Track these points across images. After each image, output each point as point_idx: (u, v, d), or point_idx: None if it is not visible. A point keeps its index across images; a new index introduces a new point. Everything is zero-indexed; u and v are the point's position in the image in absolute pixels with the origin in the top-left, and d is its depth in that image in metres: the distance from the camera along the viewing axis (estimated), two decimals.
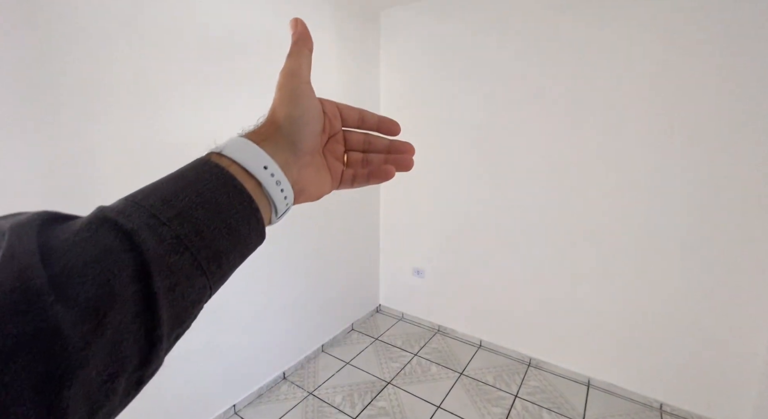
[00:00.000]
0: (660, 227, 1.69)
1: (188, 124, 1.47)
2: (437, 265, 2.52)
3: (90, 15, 1.16)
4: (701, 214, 1.60)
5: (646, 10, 1.60)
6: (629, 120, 1.70)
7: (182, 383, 1.57)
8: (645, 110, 1.66)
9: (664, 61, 1.59)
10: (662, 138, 1.64)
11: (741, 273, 1.56)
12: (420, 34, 2.31)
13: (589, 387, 1.99)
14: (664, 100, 1.61)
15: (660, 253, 1.71)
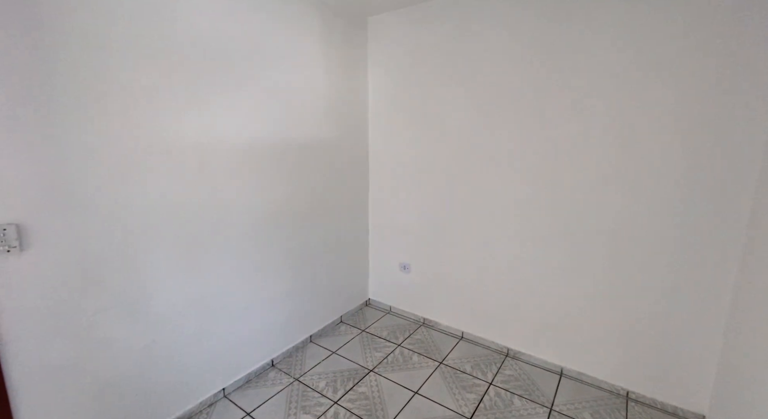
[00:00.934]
0: (630, 225, 1.78)
1: (179, 127, 1.59)
2: (422, 260, 2.62)
3: (89, 21, 1.29)
4: (668, 213, 1.68)
5: (622, 13, 1.69)
6: (601, 121, 1.79)
7: (173, 366, 1.69)
8: (618, 112, 1.75)
9: (636, 66, 1.68)
10: (637, 137, 1.73)
11: (701, 271, 1.64)
12: (406, 39, 2.41)
13: (561, 376, 2.08)
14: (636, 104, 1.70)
15: (629, 251, 1.80)
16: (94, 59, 1.31)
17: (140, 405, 1.59)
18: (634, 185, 1.74)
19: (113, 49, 1.36)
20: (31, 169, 1.21)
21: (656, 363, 1.81)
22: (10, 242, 1.18)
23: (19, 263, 1.21)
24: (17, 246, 1.19)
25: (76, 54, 1.27)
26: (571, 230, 1.96)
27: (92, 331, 1.41)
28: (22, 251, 1.21)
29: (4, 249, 1.17)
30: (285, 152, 2.11)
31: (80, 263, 1.35)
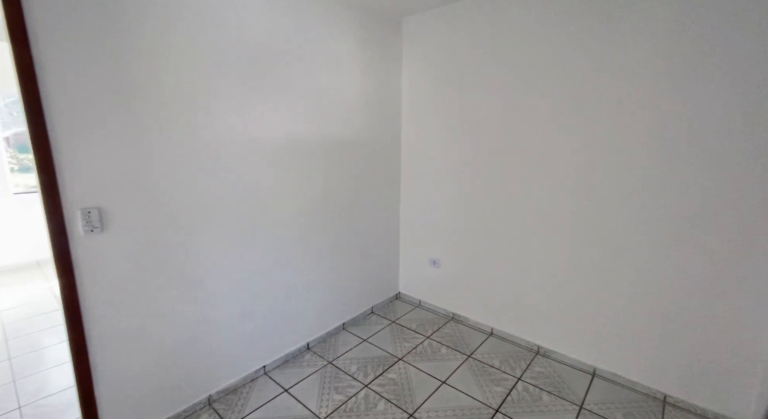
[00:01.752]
0: (671, 222, 1.72)
1: (230, 126, 1.75)
2: (452, 256, 2.65)
3: (153, 31, 1.46)
4: (711, 210, 1.61)
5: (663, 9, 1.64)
6: (644, 120, 1.74)
7: (222, 342, 1.87)
8: (662, 111, 1.70)
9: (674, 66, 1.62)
10: (680, 138, 1.67)
11: (746, 270, 1.56)
12: (440, 38, 2.45)
13: (594, 376, 2.04)
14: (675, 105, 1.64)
15: (669, 249, 1.74)
16: (160, 65, 1.49)
17: (193, 373, 1.77)
18: (673, 184, 1.68)
19: (176, 56, 1.53)
20: (111, 162, 1.40)
21: (696, 367, 1.74)
22: (94, 223, 1.38)
23: (100, 241, 1.41)
24: (99, 227, 1.39)
25: (146, 60, 1.45)
26: (608, 228, 1.91)
27: (155, 304, 1.60)
28: (102, 231, 1.41)
29: (88, 229, 1.37)
30: (322, 149, 2.23)
31: (148, 244, 1.54)
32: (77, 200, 1.34)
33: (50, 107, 1.24)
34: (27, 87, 1.19)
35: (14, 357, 2.27)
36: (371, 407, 1.83)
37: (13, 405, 1.86)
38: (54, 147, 1.27)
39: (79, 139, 1.32)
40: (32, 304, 3.04)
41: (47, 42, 1.22)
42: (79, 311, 1.38)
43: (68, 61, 1.26)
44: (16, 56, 1.16)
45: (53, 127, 1.26)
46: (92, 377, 1.44)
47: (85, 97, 1.31)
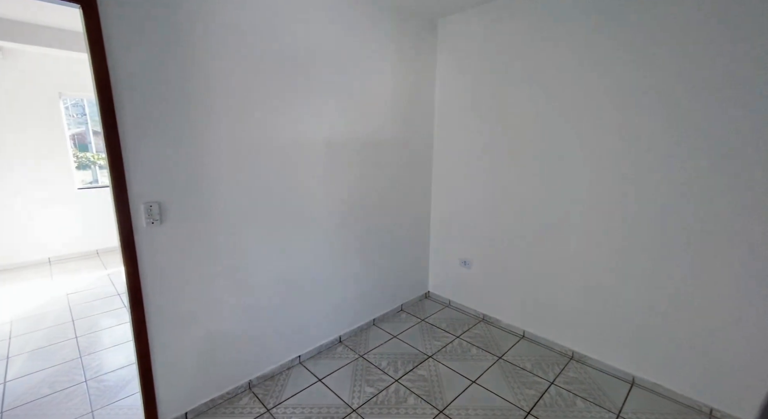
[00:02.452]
0: (723, 227, 1.63)
1: (275, 126, 1.86)
2: (484, 257, 2.64)
3: (210, 42, 1.59)
4: (759, 207, 1.51)
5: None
6: (695, 117, 1.67)
7: (263, 330, 1.98)
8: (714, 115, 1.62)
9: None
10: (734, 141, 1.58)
11: None
12: (476, 39, 2.45)
13: (633, 385, 1.97)
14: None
15: (719, 253, 1.65)
16: (215, 72, 1.61)
17: (237, 358, 1.90)
18: (724, 188, 1.59)
19: (230, 63, 1.65)
20: (170, 159, 1.54)
21: (747, 380, 1.63)
22: (155, 216, 1.52)
23: (160, 233, 1.55)
24: (159, 219, 1.53)
25: (202, 68, 1.58)
26: (653, 231, 1.84)
27: (206, 292, 1.73)
28: (162, 223, 1.55)
29: (150, 221, 1.51)
30: (357, 148, 2.30)
31: (200, 236, 1.67)
32: (141, 195, 1.48)
33: (121, 110, 1.39)
34: (102, 93, 1.34)
35: (80, 336, 2.53)
36: (401, 401, 1.87)
37: (80, 378, 2.07)
38: (123, 146, 1.41)
39: (143, 139, 1.46)
40: (93, 289, 3.35)
41: (121, 52, 1.36)
42: (141, 295, 1.53)
43: (138, 70, 1.41)
44: (95, 65, 1.31)
45: (123, 128, 1.40)
46: (150, 356, 1.59)
47: (149, 102, 1.45)
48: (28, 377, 2.07)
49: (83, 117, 4.51)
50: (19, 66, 3.72)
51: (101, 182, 4.69)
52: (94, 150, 4.73)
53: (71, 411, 1.81)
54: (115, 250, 4.56)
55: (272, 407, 1.84)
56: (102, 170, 4.77)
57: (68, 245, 4.25)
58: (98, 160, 4.70)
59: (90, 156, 4.67)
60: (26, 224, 3.94)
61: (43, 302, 3.06)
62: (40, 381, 2.03)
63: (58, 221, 4.14)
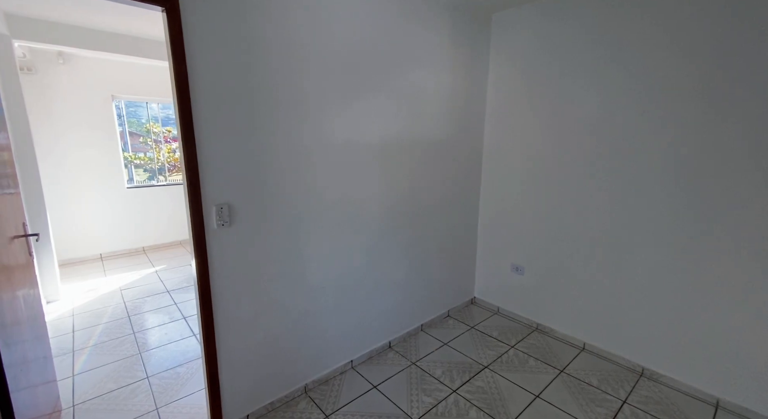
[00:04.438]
0: None
1: (333, 128, 1.83)
2: (538, 263, 2.52)
3: (278, 45, 1.57)
4: None
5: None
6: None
7: (318, 334, 1.96)
8: None
9: None
10: None
11: None
12: (531, 35, 2.34)
13: (718, 408, 1.80)
14: None
15: None
16: (280, 76, 1.60)
17: (293, 361, 1.88)
18: None
19: (293, 66, 1.63)
20: (238, 162, 1.53)
21: None
22: (225, 218, 1.51)
23: (228, 235, 1.55)
24: (228, 221, 1.53)
25: (268, 72, 1.56)
26: (732, 238, 1.68)
27: (267, 294, 1.72)
28: (230, 225, 1.54)
29: (221, 223, 1.51)
30: (409, 149, 2.24)
31: (264, 240, 1.66)
32: (213, 197, 1.48)
33: (197, 113, 1.39)
34: (181, 96, 1.34)
35: (137, 332, 2.60)
36: (463, 414, 1.80)
37: (142, 374, 2.12)
38: (199, 150, 1.41)
39: (217, 142, 1.45)
40: (144, 286, 3.46)
41: (199, 56, 1.36)
42: (210, 295, 1.53)
43: (213, 74, 1.40)
44: (175, 69, 1.31)
45: (199, 132, 1.40)
46: (217, 355, 1.59)
47: (222, 105, 1.45)
48: (94, 371, 2.14)
49: (120, 119, 4.68)
50: (77, 69, 3.90)
51: (137, 181, 4.87)
52: (130, 150, 4.89)
53: (137, 407, 1.85)
54: (160, 247, 4.72)
55: (330, 413, 1.80)
56: (137, 169, 4.95)
57: (118, 242, 4.43)
58: (134, 160, 4.87)
59: (127, 156, 4.84)
60: (81, 221, 4.13)
61: (99, 297, 3.19)
62: (105, 376, 2.10)
63: (109, 219, 4.32)
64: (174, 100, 1.36)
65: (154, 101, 4.77)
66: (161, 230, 4.74)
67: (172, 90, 1.35)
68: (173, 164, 5.13)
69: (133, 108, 4.90)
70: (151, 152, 5.01)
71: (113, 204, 4.34)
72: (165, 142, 5.10)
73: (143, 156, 5.01)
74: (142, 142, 5.05)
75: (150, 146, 5.01)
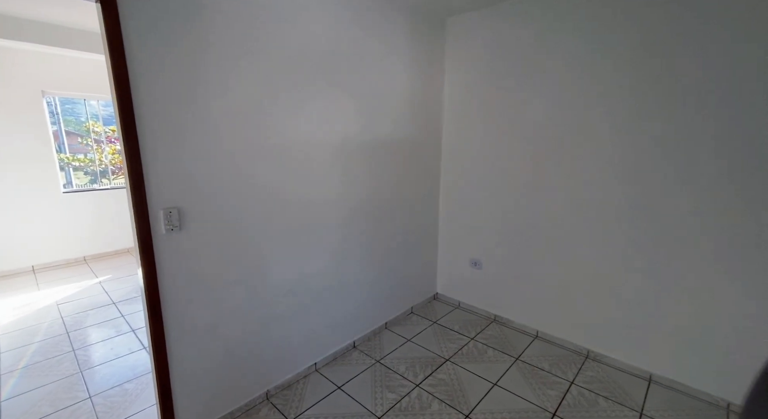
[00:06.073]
0: (737, 224, 1.67)
1: (288, 128, 1.80)
2: (495, 257, 2.64)
3: (230, 43, 1.52)
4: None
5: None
6: (710, 120, 1.70)
7: (280, 339, 1.92)
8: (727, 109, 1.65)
9: None
10: (752, 136, 1.62)
11: None
12: (484, 39, 2.45)
13: (651, 382, 2.00)
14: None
15: (732, 251, 1.69)
16: (234, 73, 1.55)
17: (254, 368, 1.83)
18: (743, 186, 1.63)
19: (248, 64, 1.59)
20: (188, 164, 1.46)
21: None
22: (174, 223, 1.44)
23: (179, 240, 1.47)
24: (178, 226, 1.46)
25: (221, 69, 1.51)
26: (666, 229, 1.87)
27: (224, 301, 1.66)
28: (180, 230, 1.47)
29: (169, 228, 1.43)
30: (367, 149, 2.26)
31: (219, 243, 1.60)
32: (160, 201, 1.40)
33: (140, 112, 1.31)
34: (121, 93, 1.25)
35: (77, 349, 2.39)
36: (426, 407, 1.84)
37: (84, 394, 1.95)
38: (142, 150, 1.33)
39: (162, 142, 1.38)
40: (85, 299, 3.18)
41: (140, 51, 1.28)
42: (160, 305, 1.45)
43: (157, 70, 1.33)
44: (113, 64, 1.23)
45: (142, 131, 1.32)
46: (169, 368, 1.51)
47: (168, 103, 1.38)
48: (26, 395, 1.94)
49: (55, 117, 4.28)
50: (1, 62, 3.51)
51: (76, 185, 4.49)
52: (67, 151, 4.49)
53: None
54: (105, 256, 4.36)
55: (294, 418, 1.78)
56: (77, 171, 4.57)
57: (54, 252, 4.04)
58: (73, 161, 4.49)
59: (64, 157, 4.44)
60: (8, 230, 3.71)
61: (32, 313, 2.89)
62: (40, 400, 1.91)
63: (42, 227, 3.93)
64: (113, 97, 1.27)
65: (94, 98, 4.40)
66: (106, 237, 4.39)
67: (111, 86, 1.27)
68: (118, 166, 4.76)
69: (69, 105, 4.49)
70: (92, 154, 4.62)
71: (47, 211, 3.95)
72: (108, 142, 4.72)
73: (83, 158, 4.62)
74: (82, 142, 4.65)
75: (91, 147, 4.62)
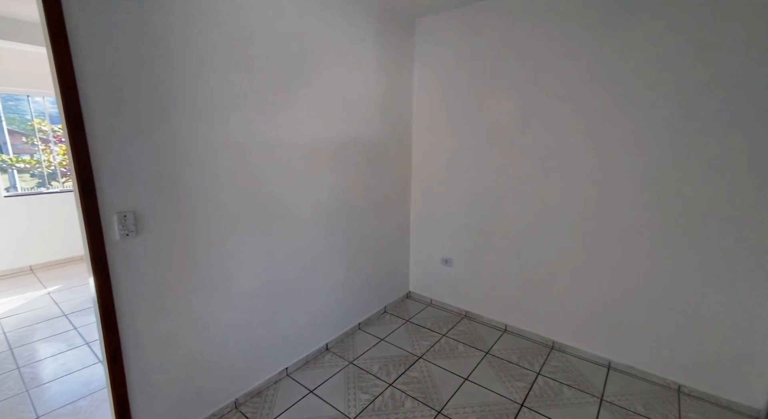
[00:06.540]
0: (681, 219, 1.80)
1: (256, 129, 1.75)
2: (465, 255, 2.70)
3: (189, 36, 1.45)
4: (721, 208, 1.70)
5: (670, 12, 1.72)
6: (655, 122, 1.82)
7: (248, 345, 1.86)
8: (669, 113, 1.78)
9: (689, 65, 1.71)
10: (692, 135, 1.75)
11: (758, 265, 1.65)
12: (452, 40, 2.49)
13: (610, 369, 2.12)
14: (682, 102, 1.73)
15: (681, 243, 1.82)
16: (194, 70, 1.48)
17: (220, 376, 1.76)
18: (685, 181, 1.76)
19: (209, 62, 1.52)
20: (145, 165, 1.38)
21: (710, 358, 1.83)
22: (129, 227, 1.36)
23: (136, 245, 1.39)
24: (134, 231, 1.37)
25: (180, 65, 1.44)
26: (621, 224, 1.99)
27: (187, 308, 1.58)
28: (137, 235, 1.39)
29: (124, 233, 1.35)
30: (340, 149, 2.24)
31: (180, 248, 1.53)
32: (113, 204, 1.32)
33: (89, 110, 1.22)
34: (66, 91, 1.16)
35: (23, 367, 2.20)
36: (399, 405, 1.85)
37: (31, 415, 1.80)
38: (92, 151, 1.24)
39: (115, 143, 1.29)
40: (32, 311, 2.94)
41: (87, 45, 1.19)
42: (115, 315, 1.36)
43: (108, 65, 1.24)
44: (57, 60, 1.14)
45: (92, 131, 1.24)
46: (126, 381, 1.42)
47: (122, 101, 1.29)
48: None
49: None
50: None
51: (21, 188, 4.15)
52: (10, 152, 4.14)
53: None
54: (54, 265, 4.05)
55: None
56: (22, 174, 4.22)
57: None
58: (17, 163, 4.14)
59: (6, 159, 4.10)
60: None
61: None
62: None
63: None
64: (57, 93, 1.18)
65: (39, 94, 4.08)
66: (55, 244, 4.07)
67: (54, 82, 1.17)
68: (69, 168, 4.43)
69: (12, 102, 4.14)
70: (39, 154, 4.28)
71: None
72: (58, 142, 4.39)
73: (29, 159, 4.26)
74: (27, 142, 4.29)
75: (37, 147, 4.27)
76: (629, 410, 1.80)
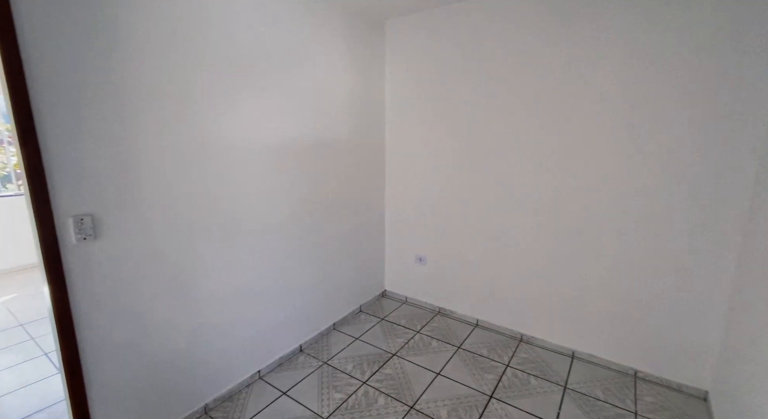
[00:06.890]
0: (635, 215, 1.92)
1: (223, 129, 1.72)
2: (437, 253, 2.76)
3: (147, 32, 1.42)
4: (670, 203, 1.82)
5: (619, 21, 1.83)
6: (612, 116, 1.93)
7: (217, 349, 1.83)
8: (622, 110, 1.89)
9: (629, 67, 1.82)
10: (636, 135, 1.87)
11: (703, 257, 1.78)
12: (421, 42, 2.54)
13: (573, 358, 2.22)
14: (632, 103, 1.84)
15: (635, 239, 1.94)
16: (154, 68, 1.44)
17: (188, 383, 1.73)
18: (641, 176, 1.88)
19: (170, 60, 1.49)
20: (103, 166, 1.34)
21: (662, 344, 1.95)
22: (87, 231, 1.31)
23: (94, 250, 1.34)
24: (92, 235, 1.33)
25: (139, 63, 1.40)
26: (583, 221, 2.09)
27: (150, 313, 1.54)
28: (96, 239, 1.34)
29: (81, 237, 1.30)
30: (309, 149, 2.24)
31: (142, 252, 1.48)
32: (69, 207, 1.27)
33: (40, 111, 1.17)
34: (15, 90, 1.11)
35: None
36: (372, 403, 1.87)
37: None
38: (44, 153, 1.19)
39: (69, 143, 1.25)
40: None
41: (38, 41, 1.15)
42: (72, 323, 1.31)
43: (59, 62, 1.20)
44: (4, 57, 1.09)
45: (44, 132, 1.19)
46: (86, 391, 1.37)
47: (76, 100, 1.25)
48: None
49: None
50: None
51: None
52: None
53: None
54: (9, 273, 3.81)
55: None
56: None
57: None
58: None
59: None
60: None
61: None
62: None
63: None
64: (5, 92, 1.12)
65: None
66: (10, 251, 3.84)
67: (3, 82, 1.12)
68: None
69: None
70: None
71: None
72: (13, 143, 4.13)
73: None
74: None
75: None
76: (590, 396, 1.91)
